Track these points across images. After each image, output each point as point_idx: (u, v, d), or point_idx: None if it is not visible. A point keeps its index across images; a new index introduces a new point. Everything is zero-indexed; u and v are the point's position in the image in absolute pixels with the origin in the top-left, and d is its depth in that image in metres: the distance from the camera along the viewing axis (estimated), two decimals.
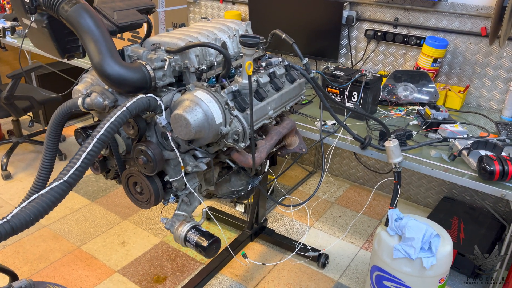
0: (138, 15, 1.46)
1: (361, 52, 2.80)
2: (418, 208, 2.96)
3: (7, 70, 3.92)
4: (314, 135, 2.06)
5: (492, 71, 2.39)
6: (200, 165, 1.39)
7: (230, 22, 1.62)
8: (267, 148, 1.51)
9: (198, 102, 1.26)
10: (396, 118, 2.23)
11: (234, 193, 1.75)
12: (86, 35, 1.24)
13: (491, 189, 1.64)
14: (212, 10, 3.37)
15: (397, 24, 2.61)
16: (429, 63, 2.41)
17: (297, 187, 3.22)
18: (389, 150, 1.78)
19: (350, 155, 3.20)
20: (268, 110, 1.47)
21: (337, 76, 2.19)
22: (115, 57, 1.26)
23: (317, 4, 2.71)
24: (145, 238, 2.63)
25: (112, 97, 1.34)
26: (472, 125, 2.18)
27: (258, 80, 1.45)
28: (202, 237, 1.39)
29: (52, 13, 1.29)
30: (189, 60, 1.37)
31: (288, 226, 2.79)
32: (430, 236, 1.61)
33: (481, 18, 2.32)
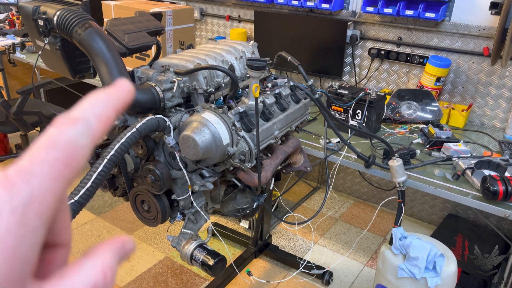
0: (148, 37, 1.50)
1: (365, 70, 2.84)
2: (422, 225, 2.96)
3: (15, 85, 3.99)
4: (318, 153, 2.08)
5: (495, 90, 2.41)
6: (207, 184, 1.42)
7: (237, 44, 1.66)
8: (273, 167, 1.53)
9: (206, 123, 1.29)
10: (400, 136, 2.25)
11: (240, 211, 1.77)
12: (98, 57, 1.28)
13: (495, 209, 1.65)
14: (218, 28, 3.43)
15: (401, 43, 2.65)
16: (432, 82, 2.44)
17: (301, 203, 3.23)
18: (393, 169, 1.80)
19: (354, 171, 3.21)
20: (274, 130, 1.50)
21: (341, 95, 2.22)
22: (125, 79, 1.29)
23: (322, 23, 2.76)
24: (150, 254, 2.65)
25: (121, 117, 1.37)
26: (476, 144, 2.19)
27: (264, 101, 1.48)
28: (208, 256, 1.41)
29: (66, 36, 1.33)
30: (198, 82, 1.41)
31: (293, 242, 2.79)
32: (435, 255, 1.62)
33: (484, 38, 2.35)
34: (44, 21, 1.33)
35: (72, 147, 0.23)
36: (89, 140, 0.24)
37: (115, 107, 0.26)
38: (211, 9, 3.41)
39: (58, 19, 1.30)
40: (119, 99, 0.26)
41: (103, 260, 0.25)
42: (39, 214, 0.22)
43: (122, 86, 0.27)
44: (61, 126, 0.23)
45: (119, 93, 0.26)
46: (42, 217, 0.22)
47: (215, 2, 3.36)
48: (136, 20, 1.55)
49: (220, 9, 3.36)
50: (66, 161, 0.23)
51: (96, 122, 0.24)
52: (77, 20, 1.29)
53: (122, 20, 1.51)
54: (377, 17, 2.67)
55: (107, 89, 0.26)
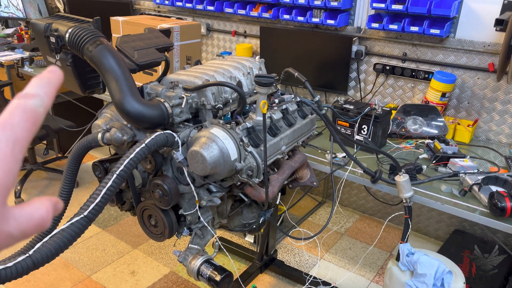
0: (157, 53, 1.53)
1: (370, 85, 2.85)
2: (429, 241, 2.94)
3: None
4: (324, 168, 2.09)
5: (500, 105, 2.42)
6: (214, 199, 1.42)
7: (244, 60, 1.68)
8: (280, 182, 1.54)
9: (214, 139, 1.30)
10: (406, 151, 2.25)
11: (246, 226, 1.77)
12: (108, 74, 1.30)
13: (503, 225, 1.65)
14: (224, 43, 3.47)
15: (406, 59, 2.67)
16: (437, 97, 2.45)
17: (307, 218, 3.22)
18: (400, 184, 1.80)
19: (360, 186, 3.21)
20: (281, 146, 1.51)
21: (347, 110, 2.23)
22: (135, 95, 1.31)
23: (327, 38, 2.79)
24: (155, 268, 2.64)
25: (130, 132, 1.39)
26: (482, 159, 2.19)
27: (271, 116, 1.50)
28: (215, 271, 1.41)
29: (77, 52, 1.35)
30: (206, 98, 1.42)
31: (298, 257, 2.78)
32: (443, 272, 1.61)
33: (489, 54, 2.37)
34: (56, 38, 1.36)
35: (34, 112, 0.33)
36: (43, 110, 0.34)
37: (55, 88, 0.36)
38: (217, 25, 3.46)
39: (70, 36, 1.33)
40: (56, 82, 0.36)
41: (47, 204, 0.35)
42: (21, 152, 0.32)
43: (55, 71, 0.37)
44: (24, 98, 0.34)
45: (55, 76, 0.36)
46: (21, 154, 0.32)
47: (221, 18, 3.41)
48: (145, 37, 1.58)
49: (226, 25, 3.41)
50: (33, 121, 0.33)
51: (46, 98, 0.35)
52: (89, 37, 1.31)
53: (132, 37, 1.53)
54: (382, 33, 2.70)
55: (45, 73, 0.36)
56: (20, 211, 0.33)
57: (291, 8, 2.88)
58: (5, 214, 0.32)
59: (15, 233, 0.32)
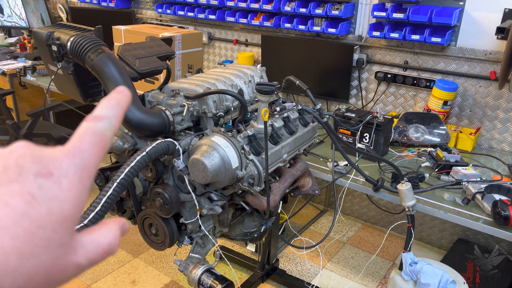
0: (158, 62, 1.53)
1: (372, 93, 2.85)
2: (432, 250, 2.92)
3: (25, 107, 4.04)
4: (326, 176, 2.08)
5: (502, 113, 2.41)
6: (215, 208, 1.41)
7: (246, 68, 1.68)
8: (281, 191, 1.53)
9: (215, 147, 1.30)
10: (408, 159, 2.24)
11: (247, 235, 1.75)
12: (110, 82, 1.30)
13: (507, 234, 1.63)
14: (226, 52, 3.48)
15: (407, 67, 2.67)
16: (439, 105, 2.45)
17: (308, 226, 3.20)
18: (402, 193, 1.78)
19: (362, 194, 3.19)
20: (283, 154, 1.50)
21: (349, 118, 2.22)
22: (136, 103, 1.31)
23: (328, 47, 2.79)
24: (155, 277, 2.62)
25: (131, 140, 1.39)
26: (485, 168, 2.18)
27: (273, 124, 1.49)
28: (216, 281, 1.39)
29: (78, 61, 1.36)
30: (207, 106, 1.42)
31: (300, 266, 2.76)
32: (446, 282, 1.59)
33: (490, 62, 2.37)
34: (57, 46, 1.36)
35: (103, 136, 0.33)
36: (112, 133, 0.34)
37: (123, 109, 0.35)
38: (219, 34, 3.47)
39: (72, 44, 1.33)
40: (125, 103, 0.35)
41: (115, 228, 0.34)
42: (89, 179, 0.31)
43: (123, 92, 0.36)
44: (93, 121, 0.33)
45: (123, 98, 0.35)
46: (90, 181, 0.31)
47: (223, 27, 3.43)
48: (147, 45, 1.58)
49: (227, 33, 3.42)
50: (101, 145, 0.32)
51: (115, 121, 0.34)
52: (90, 46, 1.32)
53: (133, 45, 1.53)
54: (383, 41, 2.70)
55: (113, 94, 0.35)
56: (88, 238, 0.32)
57: (293, 17, 2.89)
58: (74, 244, 0.31)
59: (83, 263, 0.31)
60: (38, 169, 0.29)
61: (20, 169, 0.28)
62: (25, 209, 0.27)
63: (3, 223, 0.26)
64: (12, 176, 0.28)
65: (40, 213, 0.28)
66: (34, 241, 0.27)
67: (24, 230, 0.27)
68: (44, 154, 0.30)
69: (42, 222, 0.28)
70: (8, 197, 0.27)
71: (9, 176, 0.28)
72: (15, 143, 0.30)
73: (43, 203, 0.28)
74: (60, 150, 0.31)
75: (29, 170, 0.29)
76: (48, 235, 0.28)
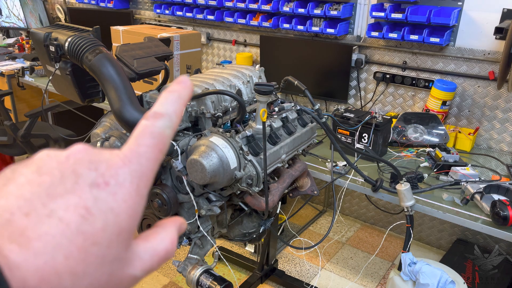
0: (156, 62, 1.52)
1: (370, 94, 2.85)
2: (431, 250, 2.92)
3: (23, 107, 4.04)
4: (325, 176, 2.08)
5: (501, 114, 2.41)
6: (214, 208, 1.41)
7: (244, 69, 1.68)
8: (280, 191, 1.53)
9: (213, 147, 1.29)
10: (407, 159, 2.24)
11: (246, 236, 1.75)
12: (108, 83, 1.30)
13: (505, 234, 1.63)
14: (225, 52, 3.48)
15: (406, 67, 2.67)
16: (438, 106, 2.45)
17: (307, 227, 3.20)
18: (401, 193, 1.78)
19: (361, 195, 3.19)
20: (281, 154, 1.50)
21: (347, 118, 2.22)
22: (134, 104, 1.31)
23: (327, 47, 2.79)
24: (154, 278, 2.61)
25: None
26: (484, 168, 2.18)
27: (271, 125, 1.49)
28: (214, 282, 1.39)
29: (76, 61, 1.35)
30: (205, 106, 1.42)
31: (299, 267, 2.75)
32: (445, 282, 1.59)
33: (489, 62, 2.37)
34: (55, 47, 1.36)
35: (162, 136, 0.31)
36: (172, 132, 0.32)
37: (185, 103, 0.33)
38: (217, 34, 3.47)
39: (69, 45, 1.33)
40: (187, 96, 0.33)
41: (172, 232, 0.33)
42: (146, 186, 0.30)
43: (185, 82, 0.33)
44: (152, 119, 0.31)
45: (185, 90, 0.33)
46: (147, 188, 0.30)
47: (221, 27, 3.42)
48: (145, 46, 1.58)
49: (226, 34, 3.42)
50: (160, 147, 0.31)
51: (175, 117, 0.32)
52: (88, 46, 1.31)
53: (131, 45, 1.53)
54: (382, 42, 2.70)
55: (174, 86, 0.33)
56: (144, 246, 0.30)
57: (291, 17, 2.89)
58: (130, 257, 0.29)
59: (139, 274, 0.30)
60: (95, 178, 0.28)
61: (77, 177, 0.27)
62: (80, 225, 0.26)
63: (57, 241, 0.25)
64: (68, 186, 0.27)
65: (95, 228, 0.26)
66: (88, 259, 0.26)
67: (78, 248, 0.25)
68: (102, 160, 0.29)
69: (97, 238, 0.26)
70: (63, 212, 0.26)
71: (65, 185, 0.27)
72: (73, 146, 0.29)
73: (98, 217, 0.27)
74: (117, 155, 0.29)
75: (85, 179, 0.27)
76: (102, 251, 0.27)
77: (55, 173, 0.27)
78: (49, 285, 0.24)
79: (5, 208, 0.25)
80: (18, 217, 0.25)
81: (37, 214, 0.25)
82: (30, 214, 0.25)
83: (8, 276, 0.24)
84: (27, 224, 0.25)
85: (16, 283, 0.24)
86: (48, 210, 0.26)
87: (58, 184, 0.27)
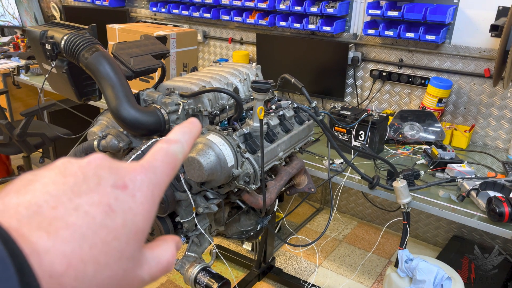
0: (153, 60, 1.52)
1: (367, 91, 2.86)
2: (427, 247, 2.93)
3: (19, 106, 4.02)
4: (322, 174, 2.08)
5: (497, 111, 2.42)
6: (211, 206, 1.41)
7: (241, 67, 1.68)
8: (277, 189, 1.53)
9: (211, 145, 1.29)
10: (403, 157, 2.25)
11: (244, 233, 1.75)
12: (104, 81, 1.30)
13: (501, 231, 1.64)
14: (221, 50, 3.48)
15: (402, 65, 2.68)
16: (434, 103, 2.46)
17: (305, 224, 3.20)
18: (398, 190, 1.79)
19: (358, 192, 3.20)
20: (278, 152, 1.50)
21: (344, 116, 2.23)
22: (131, 102, 1.30)
23: (323, 45, 2.79)
24: None
25: (127, 139, 1.38)
26: (479, 165, 2.19)
27: (268, 122, 1.49)
28: (212, 279, 1.39)
29: (73, 59, 1.35)
30: (202, 104, 1.42)
31: (296, 265, 2.76)
32: (442, 278, 1.60)
33: (484, 60, 2.38)
34: (51, 45, 1.35)
35: (175, 157, 0.34)
36: (183, 157, 0.35)
37: (195, 138, 0.37)
38: (214, 32, 3.47)
39: (66, 43, 1.32)
40: (196, 133, 0.38)
41: (172, 246, 0.35)
42: (159, 195, 0.32)
43: (195, 123, 0.38)
44: (167, 143, 0.34)
45: (195, 128, 0.38)
46: (160, 198, 0.32)
47: (218, 25, 3.42)
48: (141, 44, 1.57)
49: (223, 32, 3.41)
50: (172, 166, 0.34)
51: (187, 146, 0.36)
52: (84, 44, 1.31)
53: (128, 43, 1.53)
54: (378, 39, 2.71)
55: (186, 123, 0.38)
56: (151, 253, 0.32)
57: (288, 15, 2.89)
58: (142, 259, 0.31)
59: (146, 278, 0.32)
60: (115, 180, 0.30)
61: (99, 179, 0.29)
62: (103, 219, 0.28)
63: (83, 232, 0.27)
64: (91, 186, 0.29)
65: (117, 224, 0.28)
66: (110, 252, 0.28)
67: (102, 240, 0.27)
68: (120, 167, 0.31)
69: (118, 234, 0.28)
70: (89, 207, 0.27)
71: (89, 185, 0.29)
72: (92, 155, 0.31)
73: (119, 214, 0.29)
74: (135, 164, 0.32)
75: (107, 181, 0.29)
76: (122, 246, 0.28)
77: (78, 175, 0.29)
78: (75, 272, 0.26)
79: (33, 202, 0.26)
80: (45, 209, 0.26)
81: (65, 207, 0.27)
82: (58, 207, 0.27)
83: (35, 263, 0.24)
84: (55, 215, 0.26)
85: (44, 268, 0.25)
86: (75, 204, 0.27)
87: (82, 184, 0.28)
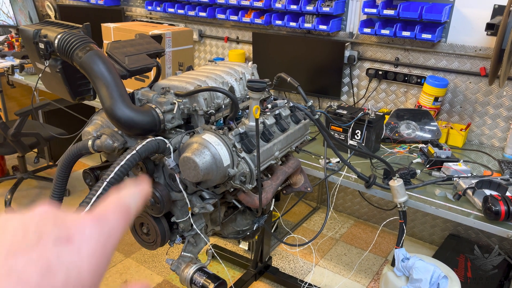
0: (148, 59, 1.51)
1: (363, 90, 2.86)
2: (424, 246, 2.94)
3: (14, 106, 3.99)
4: (318, 173, 2.08)
5: (492, 109, 2.43)
6: (207, 206, 1.40)
7: (237, 66, 1.67)
8: (273, 188, 1.52)
9: (206, 145, 1.29)
10: (399, 156, 2.25)
11: (240, 233, 1.74)
12: (99, 80, 1.28)
13: (497, 229, 1.64)
14: (217, 49, 3.47)
15: (398, 64, 2.67)
16: (430, 102, 2.46)
17: (301, 224, 3.20)
18: (394, 189, 1.79)
19: (354, 191, 3.20)
20: (274, 151, 1.49)
21: (340, 115, 2.22)
22: (125, 101, 1.29)
23: (320, 44, 2.79)
24: (148, 277, 2.60)
25: (121, 139, 1.37)
26: (475, 163, 2.19)
27: (264, 122, 1.48)
28: (208, 280, 1.38)
29: (66, 59, 1.33)
30: (198, 103, 1.41)
31: (293, 264, 2.76)
32: (438, 277, 1.60)
33: (480, 58, 2.38)
34: (45, 44, 1.34)
35: (128, 208, 0.34)
36: (135, 211, 0.35)
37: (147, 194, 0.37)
38: (209, 31, 3.45)
39: (59, 42, 1.31)
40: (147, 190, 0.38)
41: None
42: (113, 248, 0.31)
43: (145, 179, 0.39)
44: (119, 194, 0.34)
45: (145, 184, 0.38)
46: (112, 250, 0.31)
47: (213, 24, 3.41)
48: (136, 43, 1.56)
49: (218, 31, 3.40)
50: (126, 216, 0.33)
51: (139, 199, 0.36)
52: (78, 43, 1.29)
53: (123, 42, 1.51)
54: (374, 38, 2.71)
55: (137, 184, 0.37)
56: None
57: (283, 14, 2.88)
58: None
59: None
60: (59, 234, 0.28)
61: (40, 234, 0.28)
62: (40, 280, 0.26)
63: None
64: (31, 243, 0.27)
65: (56, 282, 0.27)
66: None
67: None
68: (68, 219, 0.30)
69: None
70: (24, 268, 0.26)
71: (28, 242, 0.27)
72: (38, 206, 0.30)
73: (60, 272, 0.27)
74: (85, 214, 0.31)
75: (49, 235, 0.28)
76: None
77: (18, 232, 0.27)
78: None
79: None
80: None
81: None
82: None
83: None
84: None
85: None
86: (8, 267, 0.26)
87: (21, 241, 0.27)
